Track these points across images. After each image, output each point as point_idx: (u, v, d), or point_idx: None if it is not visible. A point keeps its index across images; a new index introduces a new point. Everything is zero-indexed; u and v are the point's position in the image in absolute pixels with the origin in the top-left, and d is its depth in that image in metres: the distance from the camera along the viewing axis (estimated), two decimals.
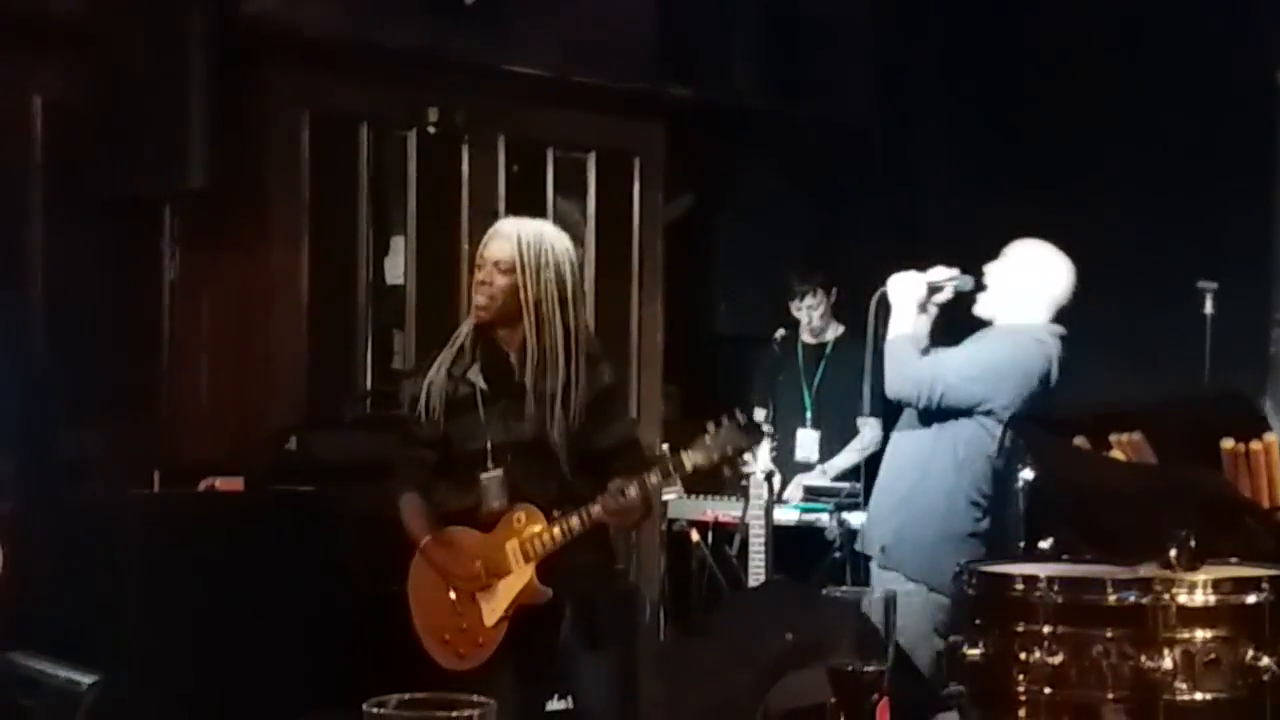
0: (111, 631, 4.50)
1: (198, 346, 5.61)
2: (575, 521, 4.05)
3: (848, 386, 6.43)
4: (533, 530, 4.10)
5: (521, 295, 4.11)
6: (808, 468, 6.41)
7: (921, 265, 4.72)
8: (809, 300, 6.54)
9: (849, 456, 6.40)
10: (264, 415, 5.69)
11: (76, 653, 3.95)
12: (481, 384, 4.17)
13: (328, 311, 6.03)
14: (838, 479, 6.29)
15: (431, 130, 6.17)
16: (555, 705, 4.45)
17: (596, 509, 4.03)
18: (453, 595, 4.16)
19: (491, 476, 4.14)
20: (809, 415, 6.47)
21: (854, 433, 6.43)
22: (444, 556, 4.18)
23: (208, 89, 5.16)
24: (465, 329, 4.25)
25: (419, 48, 5.99)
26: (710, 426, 4.07)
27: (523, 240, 4.16)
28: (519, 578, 4.10)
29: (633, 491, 4.00)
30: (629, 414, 4.56)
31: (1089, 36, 6.49)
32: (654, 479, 4.05)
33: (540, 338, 4.12)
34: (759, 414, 6.02)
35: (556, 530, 4.06)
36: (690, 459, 4.06)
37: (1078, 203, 6.48)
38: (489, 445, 4.14)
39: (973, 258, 4.70)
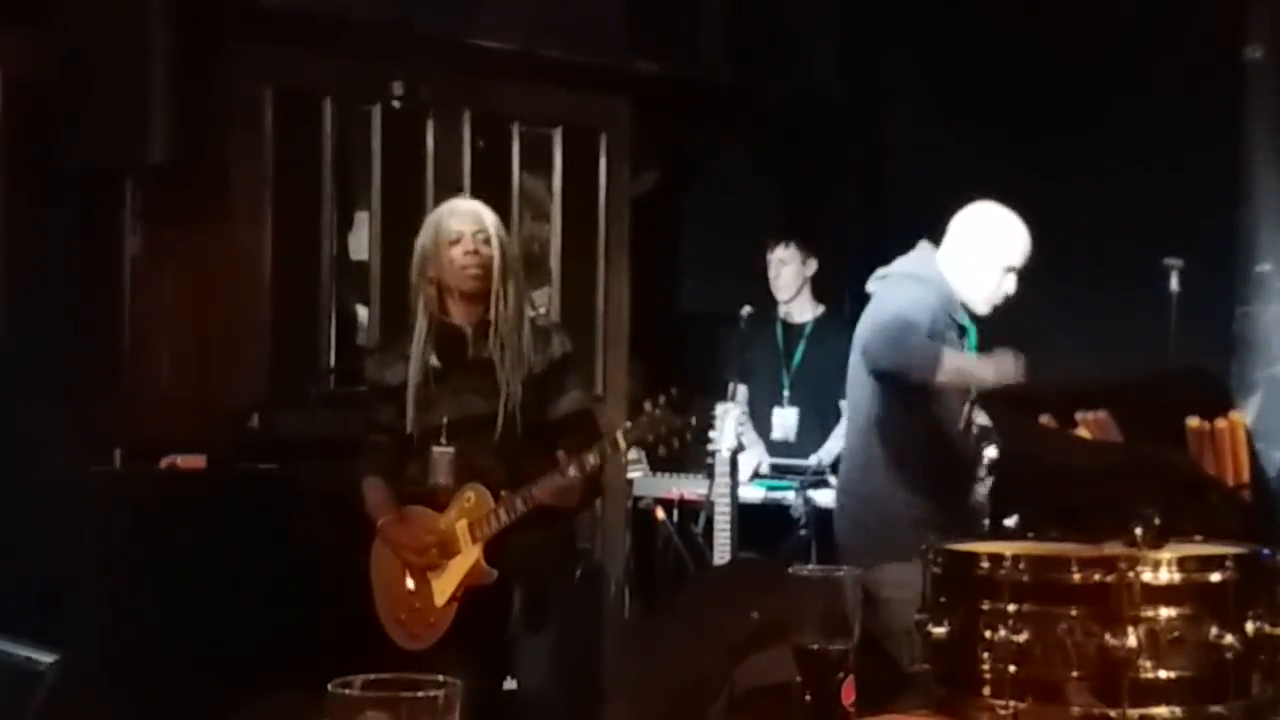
0: (72, 610, 4.47)
1: (159, 322, 5.57)
2: (518, 503, 4.07)
3: (827, 366, 6.43)
4: (480, 512, 4.12)
5: (496, 265, 4.18)
6: (786, 446, 6.38)
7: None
8: (780, 252, 6.45)
9: (839, 443, 6.38)
10: (226, 392, 5.66)
11: (36, 631, 3.92)
12: (434, 361, 4.20)
13: (291, 287, 6.00)
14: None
15: (396, 105, 6.13)
16: (513, 685, 4.45)
17: (538, 490, 4.05)
18: (408, 575, 4.20)
19: (443, 453, 4.16)
20: (786, 394, 6.45)
21: (831, 412, 6.42)
22: (400, 535, 4.24)
23: (170, 62, 5.12)
24: (422, 320, 4.25)
25: (383, 21, 5.95)
26: (647, 405, 4.09)
27: (485, 214, 4.27)
28: (467, 558, 4.14)
29: (571, 472, 4.03)
30: (584, 386, 4.57)
31: (1056, 13, 6.49)
32: (593, 459, 4.06)
33: (502, 309, 4.16)
34: (736, 390, 5.99)
35: (502, 512, 4.09)
36: (624, 439, 4.09)
37: (1044, 178, 6.50)
38: (444, 422, 4.16)
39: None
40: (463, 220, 4.23)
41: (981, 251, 4.57)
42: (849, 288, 7.24)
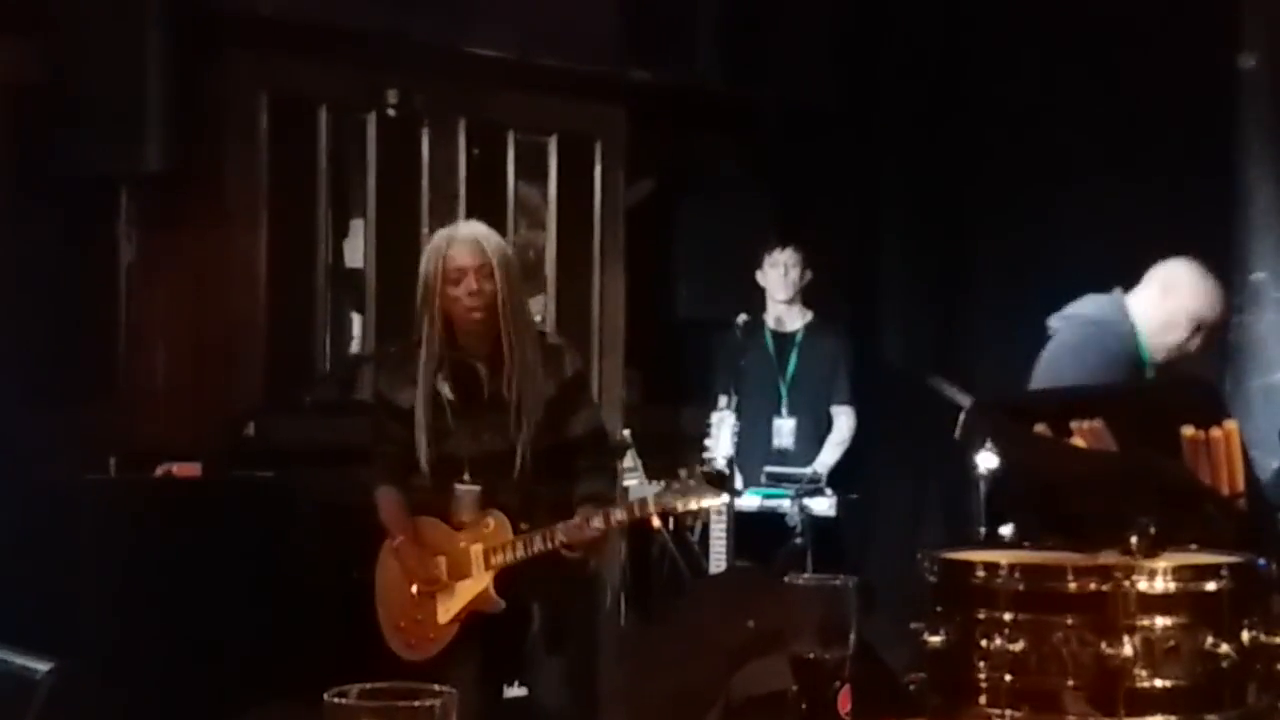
0: (67, 618, 4.46)
1: (154, 330, 5.56)
2: (539, 542, 4.06)
3: (819, 374, 6.45)
4: (499, 540, 4.12)
5: (499, 300, 4.11)
6: (783, 454, 6.37)
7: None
8: (779, 255, 6.47)
9: (834, 452, 6.38)
10: (222, 400, 5.65)
11: (31, 640, 3.91)
12: (449, 395, 4.15)
13: (286, 295, 5.99)
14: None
15: (391, 113, 6.13)
16: (513, 692, 4.44)
17: (560, 535, 4.04)
18: (414, 588, 4.19)
19: (467, 490, 4.14)
20: (784, 404, 6.44)
21: (825, 421, 6.42)
22: (411, 558, 4.21)
23: (165, 70, 5.12)
24: (428, 349, 4.16)
25: (378, 29, 5.95)
26: (682, 473, 4.10)
27: (489, 244, 4.16)
28: (477, 583, 4.13)
29: (598, 523, 4.03)
30: (594, 402, 4.56)
31: (1053, 17, 6.49)
32: (620, 515, 4.08)
33: (513, 344, 4.12)
34: (722, 400, 6.00)
35: (520, 546, 4.08)
36: (654, 505, 4.11)
37: (1039, 185, 6.50)
38: (464, 458, 4.14)
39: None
40: (464, 253, 4.11)
41: (1178, 309, 4.44)
42: (843, 296, 7.26)
